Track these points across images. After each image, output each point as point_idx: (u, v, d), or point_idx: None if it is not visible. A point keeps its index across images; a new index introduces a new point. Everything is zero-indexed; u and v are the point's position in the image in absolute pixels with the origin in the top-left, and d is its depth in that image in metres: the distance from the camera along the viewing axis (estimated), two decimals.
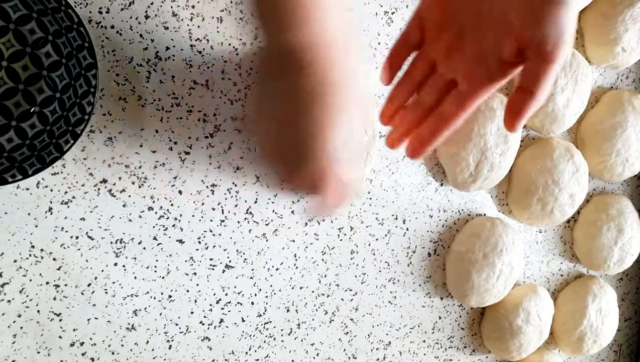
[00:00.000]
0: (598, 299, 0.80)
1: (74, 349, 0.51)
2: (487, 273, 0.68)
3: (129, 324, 0.53)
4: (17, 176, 0.43)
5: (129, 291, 0.52)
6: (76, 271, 0.50)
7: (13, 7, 0.43)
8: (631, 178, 0.88)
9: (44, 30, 0.45)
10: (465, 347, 0.77)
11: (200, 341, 0.57)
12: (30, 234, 0.47)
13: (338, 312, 0.65)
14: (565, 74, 0.69)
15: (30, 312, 0.49)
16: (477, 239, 0.68)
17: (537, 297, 0.74)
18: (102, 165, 0.49)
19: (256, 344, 0.60)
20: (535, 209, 0.72)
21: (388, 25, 0.61)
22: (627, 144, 0.77)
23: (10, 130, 0.45)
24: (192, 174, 0.53)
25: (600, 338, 0.81)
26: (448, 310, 0.73)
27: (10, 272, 0.47)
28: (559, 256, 0.82)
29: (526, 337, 0.74)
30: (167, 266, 0.54)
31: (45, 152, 0.44)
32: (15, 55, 0.44)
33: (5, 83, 0.44)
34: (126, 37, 0.49)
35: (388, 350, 0.70)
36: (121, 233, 0.51)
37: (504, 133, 0.66)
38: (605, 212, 0.80)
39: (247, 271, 0.58)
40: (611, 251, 0.80)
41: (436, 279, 0.71)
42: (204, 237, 0.55)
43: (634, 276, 0.93)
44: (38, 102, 0.45)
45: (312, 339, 0.64)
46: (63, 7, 0.42)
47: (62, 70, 0.45)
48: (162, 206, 0.52)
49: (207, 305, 0.56)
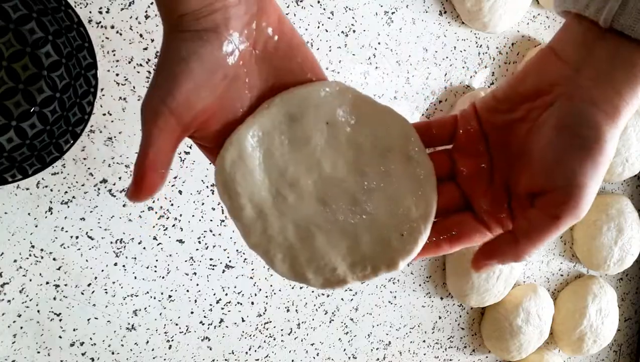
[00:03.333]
0: (598, 299, 0.80)
1: (74, 349, 0.51)
2: (487, 273, 0.68)
3: (129, 324, 0.53)
4: (17, 176, 0.43)
5: (129, 291, 0.52)
6: (76, 271, 0.50)
7: (13, 7, 0.43)
8: (631, 178, 0.88)
9: (44, 30, 0.45)
10: (465, 347, 0.77)
11: (200, 341, 0.57)
12: (30, 234, 0.47)
13: (338, 312, 0.65)
14: None
15: (30, 312, 0.49)
16: None
17: (537, 297, 0.74)
18: (102, 165, 0.49)
19: (256, 344, 0.60)
20: None
21: (388, 25, 0.61)
22: (627, 144, 0.77)
23: (10, 130, 0.45)
24: (192, 174, 0.53)
25: (600, 338, 0.81)
26: (448, 310, 0.73)
27: (10, 272, 0.47)
28: (559, 256, 0.82)
29: (526, 337, 0.74)
30: (167, 266, 0.54)
31: (45, 152, 0.44)
32: (15, 55, 0.44)
33: (5, 83, 0.44)
34: (126, 37, 0.49)
35: (388, 350, 0.70)
36: (121, 233, 0.51)
37: None
38: (605, 212, 0.80)
39: (247, 271, 0.58)
40: (611, 251, 0.80)
41: (436, 279, 0.71)
42: (204, 237, 0.55)
43: (634, 276, 0.93)
44: (38, 102, 0.45)
45: (312, 339, 0.64)
46: (63, 7, 0.42)
47: (62, 70, 0.45)
48: (162, 205, 0.52)
49: (207, 305, 0.56)
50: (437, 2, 0.64)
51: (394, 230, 0.30)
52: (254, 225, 0.30)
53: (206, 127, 0.30)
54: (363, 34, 0.60)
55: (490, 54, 0.69)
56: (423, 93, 0.65)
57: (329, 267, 0.30)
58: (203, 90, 0.29)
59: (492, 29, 0.66)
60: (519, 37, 0.71)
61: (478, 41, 0.68)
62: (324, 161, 0.31)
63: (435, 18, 0.64)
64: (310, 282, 0.30)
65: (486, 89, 0.68)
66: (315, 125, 0.31)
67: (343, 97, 0.31)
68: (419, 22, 0.63)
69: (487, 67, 0.69)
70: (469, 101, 0.66)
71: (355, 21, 0.59)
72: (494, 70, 0.70)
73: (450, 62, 0.66)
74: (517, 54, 0.71)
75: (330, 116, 0.31)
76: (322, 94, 0.31)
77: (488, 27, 0.65)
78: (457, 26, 0.66)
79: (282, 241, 0.30)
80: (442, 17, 0.65)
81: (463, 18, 0.65)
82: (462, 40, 0.67)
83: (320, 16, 0.57)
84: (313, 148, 0.31)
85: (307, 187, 0.31)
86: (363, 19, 0.59)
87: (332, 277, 0.30)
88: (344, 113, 0.31)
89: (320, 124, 0.31)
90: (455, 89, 0.67)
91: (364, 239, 0.30)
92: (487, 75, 0.70)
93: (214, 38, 0.28)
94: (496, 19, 0.64)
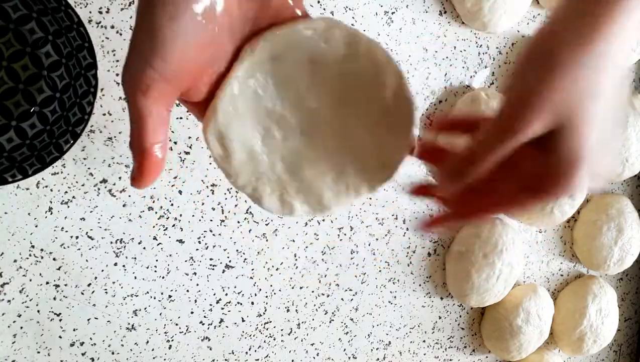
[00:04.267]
0: (598, 299, 0.80)
1: (74, 349, 0.51)
2: (487, 273, 0.68)
3: (129, 324, 0.53)
4: (17, 176, 0.43)
5: (129, 291, 0.52)
6: (76, 271, 0.50)
7: (13, 7, 0.43)
8: (631, 178, 0.88)
9: (44, 30, 0.44)
10: (465, 347, 0.77)
11: (200, 341, 0.57)
12: (30, 234, 0.47)
13: (338, 312, 0.65)
14: None
15: (30, 312, 0.49)
16: (477, 239, 0.68)
17: (537, 297, 0.74)
18: (102, 165, 0.49)
19: (256, 344, 0.60)
20: (535, 208, 0.72)
21: (388, 25, 0.61)
22: (627, 144, 0.77)
23: (10, 130, 0.45)
24: (192, 174, 0.53)
25: (600, 338, 0.81)
26: (448, 310, 0.73)
27: (10, 272, 0.47)
28: (559, 256, 0.82)
29: (526, 337, 0.74)
30: (167, 266, 0.54)
31: (45, 152, 0.44)
32: (15, 55, 0.44)
33: (5, 83, 0.44)
34: (126, 37, 0.49)
35: (388, 350, 0.70)
36: (121, 233, 0.51)
37: None
38: (605, 212, 0.80)
39: (247, 271, 0.58)
40: (611, 251, 0.80)
41: (436, 279, 0.71)
42: (204, 237, 0.55)
43: (634, 276, 0.93)
44: (38, 102, 0.45)
45: (312, 339, 0.64)
46: (63, 7, 0.42)
47: (62, 70, 0.45)
48: (162, 205, 0.52)
49: (207, 305, 0.56)
50: (437, 2, 0.64)
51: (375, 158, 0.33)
52: (244, 166, 0.31)
53: (196, 83, 0.28)
54: None
55: (490, 54, 0.69)
56: (423, 93, 0.65)
57: (316, 195, 0.32)
58: (194, 48, 0.26)
59: (492, 29, 0.66)
60: (519, 37, 0.71)
61: (478, 41, 0.68)
62: (308, 98, 0.32)
63: (435, 18, 0.64)
64: (297, 211, 0.32)
65: (486, 89, 0.68)
66: (298, 64, 0.31)
67: (328, 34, 0.32)
68: (419, 22, 0.63)
69: (487, 67, 0.69)
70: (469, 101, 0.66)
71: (355, 21, 0.59)
72: (494, 70, 0.70)
73: (450, 62, 0.66)
74: (517, 54, 0.71)
75: (314, 54, 0.32)
76: (308, 32, 0.31)
77: (488, 27, 0.65)
78: (457, 26, 0.66)
79: (271, 176, 0.32)
80: (442, 17, 0.65)
81: (463, 18, 0.65)
82: (462, 40, 0.67)
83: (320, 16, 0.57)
84: (297, 86, 0.32)
85: (294, 122, 0.32)
86: (363, 19, 0.59)
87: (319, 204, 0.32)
88: (330, 50, 0.32)
89: (303, 62, 0.31)
90: (455, 89, 0.67)
91: (347, 168, 0.33)
92: (487, 75, 0.70)
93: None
94: (496, 19, 0.64)
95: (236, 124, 0.31)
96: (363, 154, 0.33)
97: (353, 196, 0.33)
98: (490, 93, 0.66)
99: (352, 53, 0.32)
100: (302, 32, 0.31)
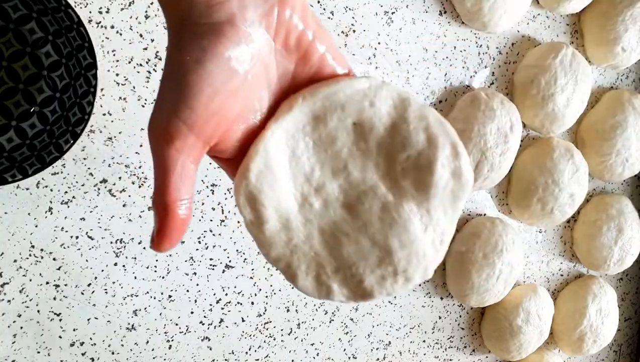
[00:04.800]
0: (598, 299, 0.80)
1: (74, 349, 0.51)
2: (487, 273, 0.68)
3: (129, 324, 0.53)
4: (17, 176, 0.43)
5: (129, 291, 0.52)
6: (76, 271, 0.50)
7: (13, 7, 0.43)
8: (631, 178, 0.88)
9: (44, 30, 0.44)
10: (465, 347, 0.77)
11: (200, 341, 0.57)
12: (30, 234, 0.47)
13: (338, 312, 0.65)
14: (565, 74, 0.69)
15: (30, 312, 0.49)
16: (477, 239, 0.68)
17: (537, 297, 0.74)
18: (102, 165, 0.49)
19: (256, 344, 0.60)
20: (535, 208, 0.72)
21: (388, 25, 0.61)
22: (627, 144, 0.77)
23: (10, 130, 0.45)
24: None
25: (600, 338, 0.81)
26: (448, 310, 0.73)
27: (10, 272, 0.47)
28: (559, 256, 0.82)
29: (526, 337, 0.74)
30: (167, 266, 0.54)
31: (45, 152, 0.44)
32: (15, 55, 0.44)
33: (5, 83, 0.44)
34: (126, 37, 0.49)
35: (388, 350, 0.70)
36: (121, 233, 0.51)
37: (504, 133, 0.66)
38: (605, 212, 0.80)
39: (247, 271, 0.58)
40: (611, 251, 0.80)
41: (436, 279, 0.71)
42: (204, 237, 0.55)
43: (634, 276, 0.93)
44: (38, 102, 0.45)
45: (312, 339, 0.64)
46: (63, 7, 0.42)
47: (62, 70, 0.45)
48: None
49: (207, 305, 0.56)
50: (437, 2, 0.64)
51: (428, 240, 0.29)
52: (278, 236, 0.28)
53: (227, 137, 0.26)
54: (363, 34, 0.60)
55: (490, 54, 0.69)
56: (423, 93, 0.65)
57: (356, 278, 0.28)
58: (223, 96, 0.24)
59: (492, 29, 0.66)
60: (519, 37, 0.71)
61: (478, 41, 0.68)
62: (351, 164, 0.29)
63: (435, 18, 0.64)
64: (335, 295, 0.28)
65: (486, 89, 0.68)
66: (341, 126, 0.28)
67: (375, 95, 0.29)
68: (419, 22, 0.63)
69: (487, 67, 0.69)
70: (469, 101, 0.66)
71: (355, 21, 0.59)
72: (494, 70, 0.70)
73: (450, 62, 0.66)
74: (517, 54, 0.71)
75: (358, 116, 0.29)
76: (349, 91, 0.28)
77: (488, 27, 0.65)
78: (457, 26, 0.66)
79: (307, 251, 0.28)
80: (442, 17, 0.65)
81: (463, 18, 0.65)
82: (462, 40, 0.67)
83: (320, 16, 0.57)
84: (339, 150, 0.29)
85: (334, 191, 0.29)
86: (363, 19, 0.59)
87: (359, 289, 0.28)
88: (376, 114, 0.29)
89: (346, 125, 0.28)
90: (455, 89, 0.67)
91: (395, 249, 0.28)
92: (487, 75, 0.70)
93: (231, 31, 0.24)
94: (496, 19, 0.64)
95: (270, 188, 0.27)
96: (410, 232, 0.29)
97: (401, 283, 0.28)
98: (490, 93, 0.66)
99: (400, 117, 0.29)
100: (346, 92, 0.28)
